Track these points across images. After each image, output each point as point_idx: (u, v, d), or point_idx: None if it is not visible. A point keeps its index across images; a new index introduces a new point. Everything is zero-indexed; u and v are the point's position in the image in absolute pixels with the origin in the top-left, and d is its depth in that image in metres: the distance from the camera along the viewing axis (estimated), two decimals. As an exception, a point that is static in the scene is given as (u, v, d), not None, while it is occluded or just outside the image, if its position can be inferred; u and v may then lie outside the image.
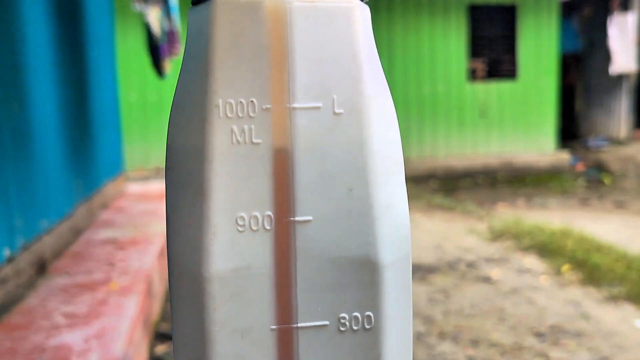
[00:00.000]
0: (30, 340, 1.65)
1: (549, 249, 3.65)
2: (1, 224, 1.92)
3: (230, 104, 0.20)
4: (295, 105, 0.20)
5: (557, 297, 2.92)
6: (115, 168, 4.12)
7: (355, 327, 0.21)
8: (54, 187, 2.56)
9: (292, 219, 0.20)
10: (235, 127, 0.20)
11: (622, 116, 8.64)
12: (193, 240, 0.20)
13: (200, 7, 0.21)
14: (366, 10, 0.21)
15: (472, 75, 7.56)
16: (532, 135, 7.80)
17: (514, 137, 7.72)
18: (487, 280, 3.18)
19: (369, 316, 0.21)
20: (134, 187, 4.55)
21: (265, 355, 0.20)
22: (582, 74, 9.19)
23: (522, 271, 3.32)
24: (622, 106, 8.62)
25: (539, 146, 7.81)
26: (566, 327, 2.53)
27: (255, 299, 0.20)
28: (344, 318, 0.21)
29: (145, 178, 6.30)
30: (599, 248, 3.59)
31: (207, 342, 0.20)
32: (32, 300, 1.98)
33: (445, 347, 2.36)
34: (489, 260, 3.55)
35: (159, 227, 3.09)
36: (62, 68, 2.81)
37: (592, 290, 2.99)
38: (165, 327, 2.48)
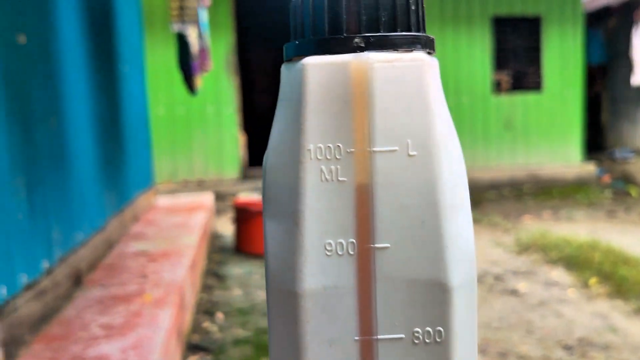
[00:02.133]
0: (70, 350, 1.70)
1: (576, 261, 3.62)
2: (41, 237, 1.98)
3: (320, 148, 0.23)
4: (375, 148, 0.23)
5: (585, 310, 2.90)
6: (146, 181, 4.21)
7: (427, 340, 0.24)
8: (88, 200, 2.63)
9: (372, 245, 0.24)
10: (324, 167, 0.24)
11: (650, 127, 8.52)
12: (288, 262, 0.24)
13: (293, 65, 0.25)
14: (435, 62, 0.25)
15: (497, 87, 7.55)
16: (558, 147, 7.74)
17: (539, 148, 7.68)
18: (514, 293, 3.17)
19: (439, 331, 0.24)
20: (163, 200, 4.63)
21: (349, 362, 0.24)
22: (607, 85, 9.10)
23: (549, 284, 3.30)
24: (650, 117, 8.50)
25: (565, 158, 7.74)
26: (594, 340, 2.52)
27: (341, 313, 0.24)
28: (417, 332, 0.24)
29: (173, 191, 6.40)
30: (627, 261, 3.56)
31: (300, 350, 0.24)
32: (69, 311, 2.04)
33: None
34: (516, 273, 3.54)
35: (189, 240, 3.15)
36: (96, 84, 2.90)
37: (619, 303, 2.97)
38: (196, 338, 2.53)
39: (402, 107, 0.23)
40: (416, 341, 0.24)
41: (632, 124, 8.74)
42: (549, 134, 7.68)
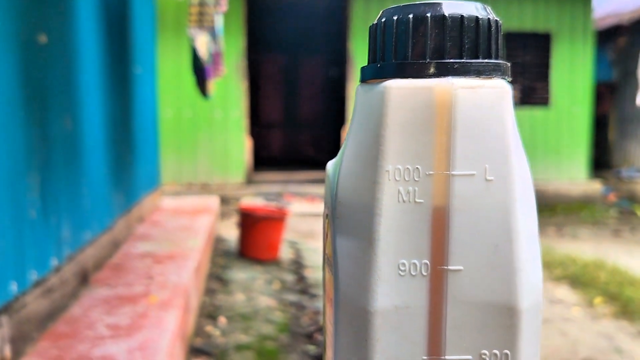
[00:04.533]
0: (76, 349, 1.70)
1: (581, 280, 3.61)
2: (51, 235, 1.99)
3: (399, 169, 0.24)
4: (454, 172, 0.24)
5: (590, 329, 2.89)
6: (152, 182, 4.22)
7: (494, 363, 0.24)
8: (97, 199, 2.64)
9: (445, 267, 0.24)
10: (401, 189, 0.24)
11: (657, 147, 8.52)
12: (361, 280, 0.24)
13: (372, 86, 0.25)
14: (510, 89, 0.25)
15: (505, 101, 7.56)
16: (564, 164, 7.74)
17: (545, 165, 7.67)
18: (518, 309, 3.16)
19: (506, 354, 0.24)
20: (168, 202, 4.63)
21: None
22: (615, 104, 9.11)
23: (554, 302, 3.29)
24: (657, 137, 8.50)
25: (571, 175, 7.74)
26: (599, 361, 2.51)
27: (411, 333, 0.24)
28: (485, 354, 0.24)
29: (177, 193, 6.41)
30: (633, 282, 3.55)
31: (370, 368, 0.24)
32: (76, 310, 2.05)
33: (477, 375, 2.36)
34: (520, 289, 3.53)
35: (195, 243, 3.15)
36: (110, 85, 2.91)
37: (625, 324, 2.96)
38: (199, 342, 2.53)
39: (481, 132, 0.24)
40: (485, 364, 0.24)
41: (639, 144, 8.74)
42: (555, 150, 7.68)
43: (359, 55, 7.19)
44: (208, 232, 3.58)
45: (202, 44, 3.04)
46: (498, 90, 0.24)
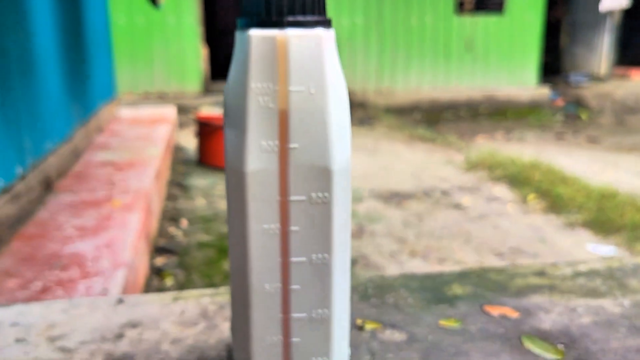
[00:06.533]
0: (47, 247, 1.87)
1: (518, 179, 3.90)
2: (14, 144, 2.10)
3: (258, 86, 0.39)
4: (290, 88, 0.40)
5: (521, 222, 3.19)
6: (109, 92, 4.26)
7: (318, 201, 0.41)
8: (55, 110, 2.72)
9: (287, 145, 0.40)
10: (260, 98, 0.39)
11: (604, 53, 8.78)
12: (239, 154, 0.41)
13: (243, 33, 0.40)
14: (330, 34, 0.40)
15: (460, 7, 7.61)
16: (516, 70, 7.94)
17: (497, 71, 7.87)
18: (458, 206, 3.44)
19: (326, 195, 0.41)
20: (125, 112, 4.69)
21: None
22: (568, 10, 9.23)
23: (491, 199, 3.58)
24: (605, 43, 8.74)
25: (522, 81, 7.97)
26: (524, 249, 2.81)
27: (269, 184, 0.41)
28: (312, 195, 0.41)
29: (134, 102, 6.42)
30: (564, 180, 3.85)
31: (245, 204, 0.41)
32: (43, 214, 2.19)
33: (415, 263, 2.63)
34: (462, 188, 3.80)
35: (154, 151, 3.28)
36: (59, -5, 2.91)
37: (552, 217, 3.27)
38: (162, 242, 2.72)
39: (306, 64, 0.39)
40: (312, 201, 0.41)
41: (588, 50, 8.97)
42: (507, 57, 7.86)
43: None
44: (167, 141, 3.70)
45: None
46: (317, 37, 0.39)
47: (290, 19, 0.39)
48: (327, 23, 0.40)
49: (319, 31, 0.40)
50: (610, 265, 0.76)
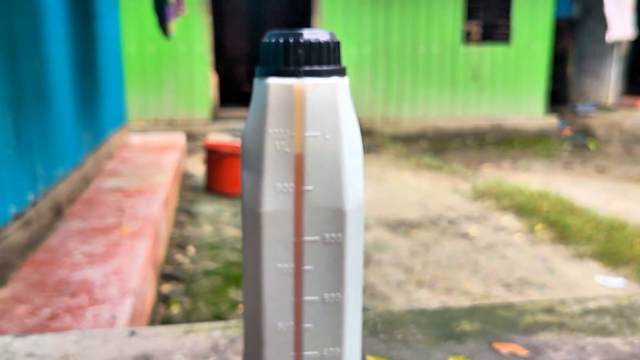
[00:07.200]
0: (56, 274, 1.88)
1: (526, 209, 3.90)
2: (26, 171, 2.12)
3: (275, 131, 0.41)
4: (306, 134, 0.41)
5: (528, 253, 3.18)
6: (119, 119, 4.31)
7: (331, 241, 0.42)
8: (67, 137, 2.76)
9: (302, 187, 0.42)
10: (277, 143, 0.41)
11: (612, 83, 8.82)
12: (255, 194, 0.42)
13: (262, 81, 0.42)
14: (345, 82, 0.42)
15: (467, 37, 7.68)
16: (523, 99, 7.98)
17: (504, 100, 7.91)
18: (465, 236, 3.43)
19: (339, 235, 0.43)
20: (135, 138, 4.74)
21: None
22: (575, 40, 9.30)
23: (498, 229, 3.57)
24: (612, 73, 8.79)
25: (529, 110, 8.00)
26: (532, 280, 2.80)
27: (284, 225, 0.42)
28: (326, 235, 0.43)
29: (144, 129, 6.48)
30: (573, 210, 3.84)
31: (261, 244, 0.42)
32: (53, 240, 2.21)
33: (422, 294, 2.62)
34: (469, 217, 3.80)
35: (162, 178, 3.30)
36: (74, 24, 2.97)
37: (560, 248, 3.25)
38: (169, 269, 2.73)
39: (322, 110, 0.41)
40: (325, 242, 0.43)
41: (596, 79, 9.01)
42: (514, 86, 7.90)
43: (323, -10, 7.18)
44: (175, 168, 3.73)
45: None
46: (333, 86, 0.41)
47: (307, 68, 0.41)
48: (341, 72, 0.42)
49: (334, 80, 0.42)
50: (620, 302, 0.77)
